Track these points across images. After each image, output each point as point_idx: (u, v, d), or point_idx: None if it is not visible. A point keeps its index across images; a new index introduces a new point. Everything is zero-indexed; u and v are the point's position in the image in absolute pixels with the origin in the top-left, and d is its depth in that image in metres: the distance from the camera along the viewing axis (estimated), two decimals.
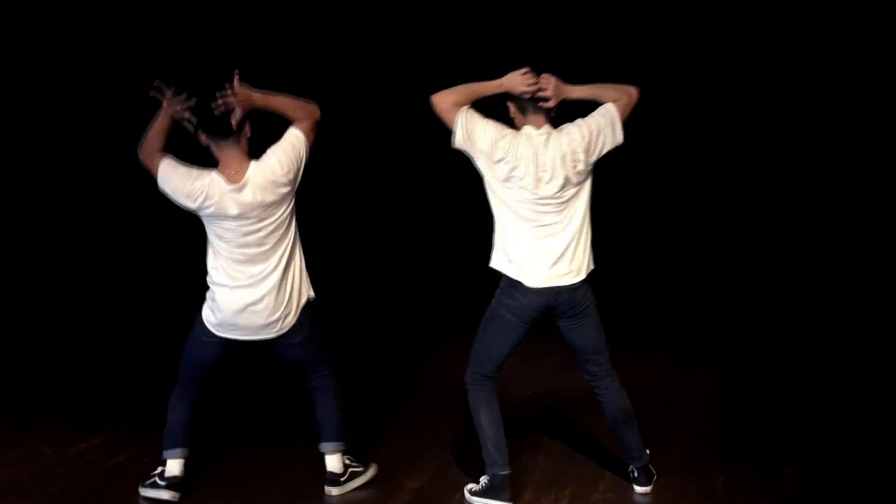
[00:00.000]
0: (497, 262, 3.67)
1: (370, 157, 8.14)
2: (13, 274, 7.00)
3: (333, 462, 3.89)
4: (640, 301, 7.13)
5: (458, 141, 3.55)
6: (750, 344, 6.22)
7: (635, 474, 3.87)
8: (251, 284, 3.60)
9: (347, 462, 3.95)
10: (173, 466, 3.77)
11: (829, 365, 5.70)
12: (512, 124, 3.65)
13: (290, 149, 3.61)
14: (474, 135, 3.52)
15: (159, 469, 3.82)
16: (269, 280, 3.62)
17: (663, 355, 5.98)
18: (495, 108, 3.63)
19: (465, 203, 8.13)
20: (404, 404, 5.05)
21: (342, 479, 3.88)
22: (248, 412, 4.91)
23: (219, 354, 3.76)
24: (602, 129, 3.60)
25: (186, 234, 4.09)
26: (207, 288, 3.70)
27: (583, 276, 3.64)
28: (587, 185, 3.64)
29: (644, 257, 7.85)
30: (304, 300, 3.74)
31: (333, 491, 3.85)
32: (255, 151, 3.63)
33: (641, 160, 6.42)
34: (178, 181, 3.54)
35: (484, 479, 3.77)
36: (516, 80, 3.55)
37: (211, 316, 3.68)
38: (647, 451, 3.92)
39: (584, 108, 3.70)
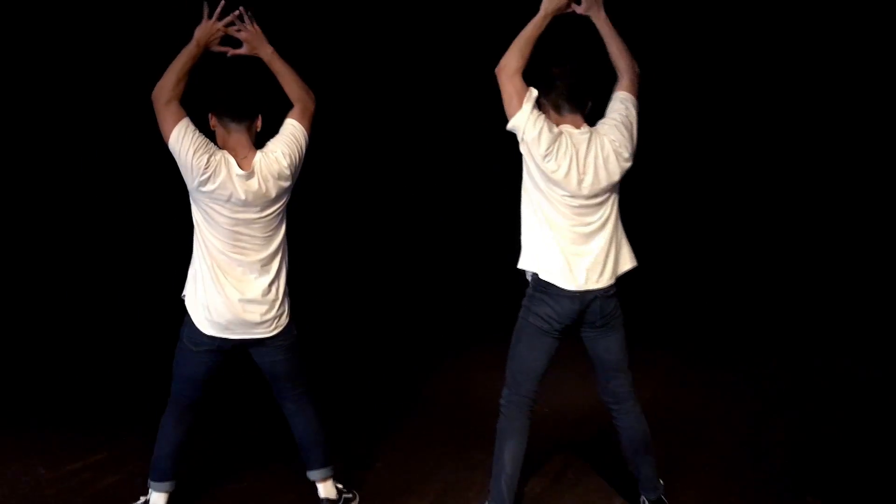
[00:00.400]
0: (527, 263, 3.51)
1: (376, 158, 7.96)
2: (11, 283, 6.88)
3: (325, 489, 3.75)
4: (647, 307, 6.67)
5: (515, 125, 3.39)
6: (766, 354, 5.92)
7: None
8: (245, 278, 3.46)
9: (340, 487, 3.80)
10: (158, 499, 3.64)
11: (849, 376, 5.44)
12: None
13: (292, 141, 3.51)
14: (531, 135, 3.36)
15: (142, 499, 3.70)
16: (265, 275, 3.49)
17: (672, 366, 5.71)
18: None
19: (473, 203, 8.06)
20: (411, 419, 4.87)
21: None
22: (237, 433, 4.71)
23: (208, 366, 3.57)
24: (633, 120, 3.51)
25: (178, 243, 3.95)
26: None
27: (618, 275, 3.52)
28: (619, 182, 3.52)
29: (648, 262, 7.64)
30: (289, 298, 3.61)
31: None
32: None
33: (654, 164, 6.22)
34: (192, 147, 3.31)
35: None
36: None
37: (200, 316, 3.48)
38: (662, 482, 3.72)
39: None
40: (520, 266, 3.53)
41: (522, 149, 3.43)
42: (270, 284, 3.51)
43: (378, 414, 4.92)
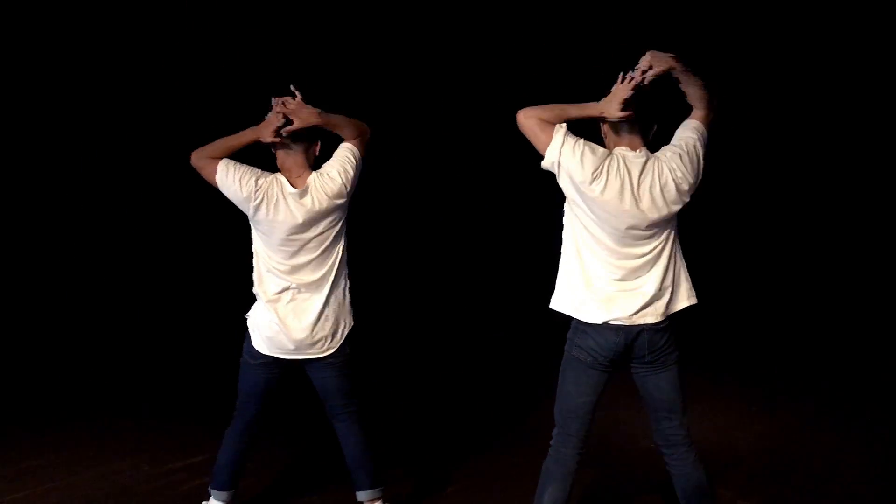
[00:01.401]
0: (559, 303, 3.30)
1: (376, 159, 7.99)
2: (106, 285, 7.29)
3: None
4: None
5: (550, 159, 3.20)
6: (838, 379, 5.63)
7: None
8: (298, 298, 3.54)
9: None
10: None
11: None
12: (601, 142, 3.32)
13: (346, 162, 3.59)
14: (571, 163, 3.15)
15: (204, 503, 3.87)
16: (318, 295, 3.55)
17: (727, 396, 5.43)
18: None
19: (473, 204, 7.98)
20: (467, 442, 4.81)
21: None
22: (300, 453, 4.77)
23: (266, 379, 3.67)
24: (699, 152, 3.24)
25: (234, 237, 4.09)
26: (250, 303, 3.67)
27: (669, 313, 3.25)
28: (676, 214, 3.25)
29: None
30: (349, 321, 3.65)
31: None
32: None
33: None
34: (237, 176, 3.49)
35: None
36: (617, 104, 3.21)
37: (257, 334, 3.62)
38: None
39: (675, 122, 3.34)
40: (552, 306, 3.32)
41: (562, 183, 3.22)
42: (324, 305, 3.56)
43: (428, 437, 4.92)
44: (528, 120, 3.22)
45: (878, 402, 5.44)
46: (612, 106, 3.21)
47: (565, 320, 3.33)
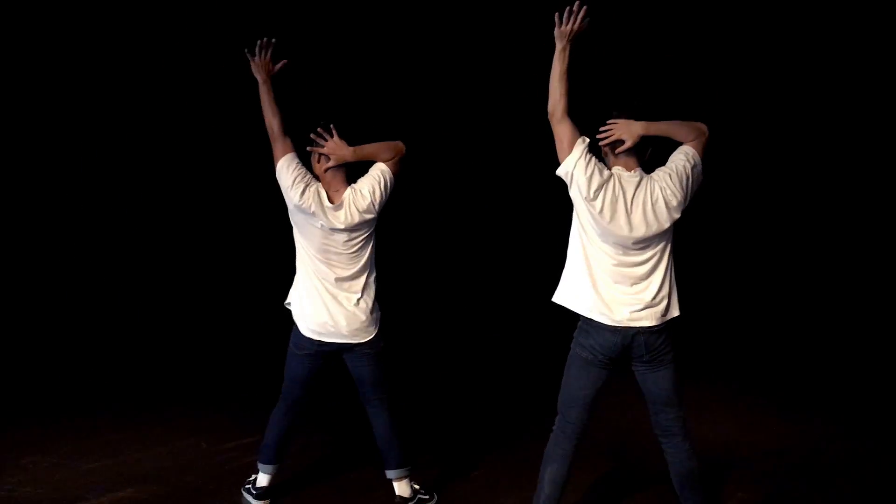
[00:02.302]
0: (562, 298, 3.66)
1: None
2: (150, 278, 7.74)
3: (400, 488, 4.19)
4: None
5: (565, 169, 3.55)
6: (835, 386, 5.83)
7: None
8: (335, 291, 4.00)
9: (416, 487, 4.22)
10: (262, 478, 4.28)
11: None
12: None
13: (378, 182, 4.03)
14: (581, 178, 3.50)
15: (253, 476, 4.36)
16: (352, 289, 4.01)
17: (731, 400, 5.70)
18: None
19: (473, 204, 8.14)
20: (488, 433, 5.24)
21: (410, 503, 4.17)
22: (342, 435, 5.25)
23: (309, 368, 4.15)
24: (689, 173, 3.58)
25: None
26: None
27: (665, 319, 3.59)
28: (671, 228, 3.59)
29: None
30: (378, 316, 4.10)
31: None
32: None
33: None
34: (291, 178, 3.95)
35: None
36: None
37: (303, 323, 4.09)
38: None
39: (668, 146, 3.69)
40: (554, 300, 3.68)
41: (572, 193, 3.58)
42: (359, 298, 4.03)
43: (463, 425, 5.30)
44: (562, 126, 3.53)
45: (875, 404, 5.74)
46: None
47: (568, 317, 3.68)
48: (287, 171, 3.97)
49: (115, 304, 7.53)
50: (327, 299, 4.02)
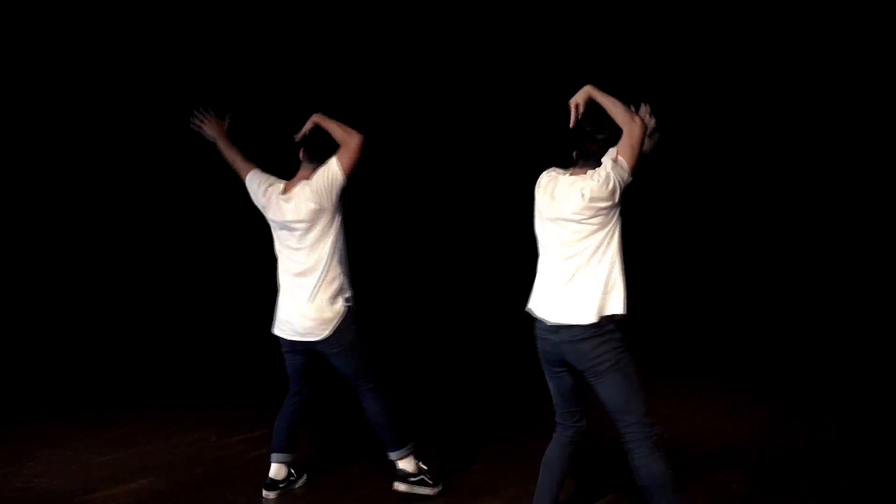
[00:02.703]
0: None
1: (375, 159, 8.26)
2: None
3: (402, 464, 4.32)
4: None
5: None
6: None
7: None
8: (292, 288, 4.17)
9: (424, 468, 4.35)
10: (273, 469, 4.41)
11: None
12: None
13: (324, 174, 4.13)
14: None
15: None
16: (306, 286, 4.12)
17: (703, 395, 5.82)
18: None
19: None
20: (490, 429, 5.35)
21: (412, 479, 4.31)
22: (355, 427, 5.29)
23: (294, 364, 4.32)
24: (602, 172, 3.50)
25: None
26: None
27: (585, 320, 3.48)
28: (604, 227, 3.52)
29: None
30: (341, 312, 4.13)
31: (401, 487, 4.30)
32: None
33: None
34: (255, 185, 4.28)
35: None
36: None
37: (275, 319, 4.27)
38: None
39: None
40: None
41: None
42: (312, 294, 4.12)
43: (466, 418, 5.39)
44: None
45: (857, 398, 5.85)
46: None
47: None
48: (254, 181, 4.29)
49: (126, 300, 7.67)
50: (286, 296, 4.20)
